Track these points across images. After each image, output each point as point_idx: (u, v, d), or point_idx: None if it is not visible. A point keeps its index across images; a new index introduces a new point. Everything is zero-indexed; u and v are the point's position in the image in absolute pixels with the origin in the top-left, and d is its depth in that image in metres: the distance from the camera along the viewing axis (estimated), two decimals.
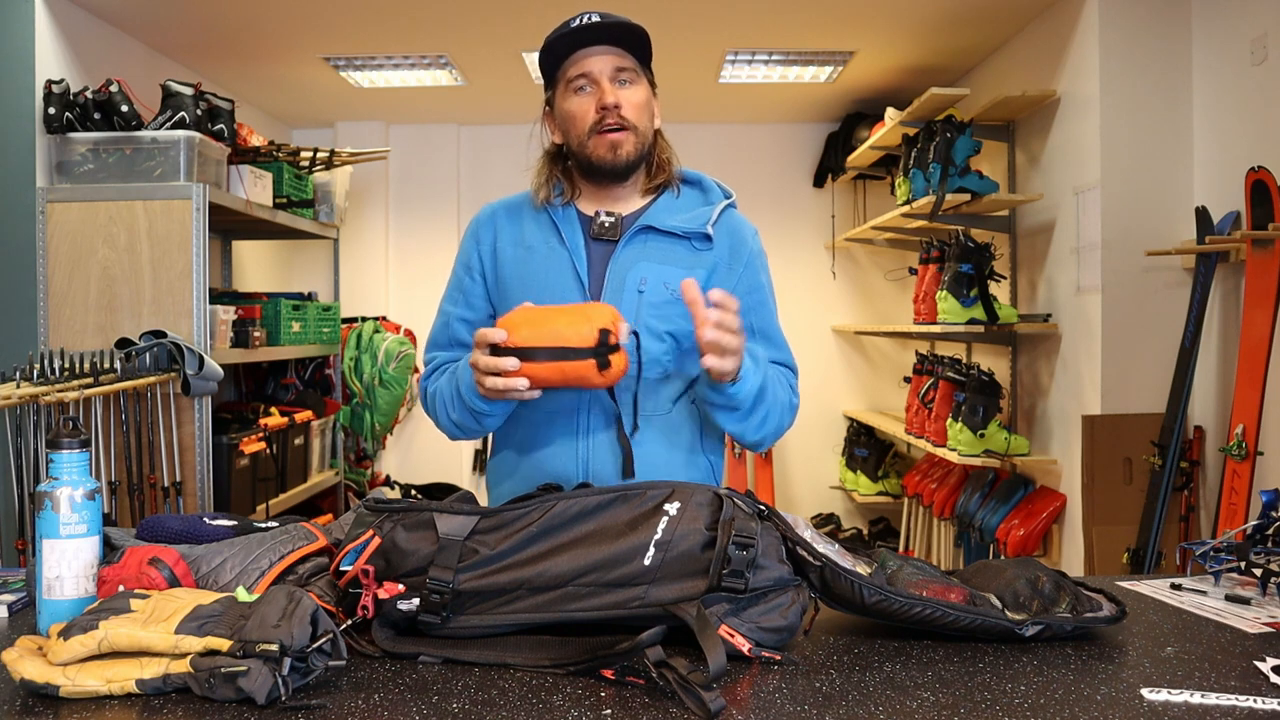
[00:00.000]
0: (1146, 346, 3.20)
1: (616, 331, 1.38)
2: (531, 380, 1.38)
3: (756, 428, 1.54)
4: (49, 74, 3.19)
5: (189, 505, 3.07)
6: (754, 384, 1.46)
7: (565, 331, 1.37)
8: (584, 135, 1.56)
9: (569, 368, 1.37)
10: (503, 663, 1.12)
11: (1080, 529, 3.28)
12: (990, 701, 1.02)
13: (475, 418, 1.54)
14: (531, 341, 1.37)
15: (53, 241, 3.11)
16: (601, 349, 1.37)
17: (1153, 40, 3.20)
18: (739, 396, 1.46)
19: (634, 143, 1.56)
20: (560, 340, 1.37)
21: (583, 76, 1.55)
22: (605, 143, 1.55)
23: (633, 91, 1.56)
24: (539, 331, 1.38)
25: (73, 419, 1.28)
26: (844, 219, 5.40)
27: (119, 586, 1.17)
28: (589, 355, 1.36)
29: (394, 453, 5.45)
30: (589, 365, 1.37)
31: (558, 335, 1.37)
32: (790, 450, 5.44)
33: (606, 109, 1.53)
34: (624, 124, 1.54)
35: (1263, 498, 1.55)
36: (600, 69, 1.54)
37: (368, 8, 3.56)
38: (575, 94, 1.56)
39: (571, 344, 1.36)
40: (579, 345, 1.36)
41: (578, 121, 1.56)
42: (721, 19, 3.71)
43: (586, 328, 1.37)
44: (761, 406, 1.51)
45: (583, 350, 1.36)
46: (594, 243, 1.59)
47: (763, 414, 1.52)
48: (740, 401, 1.47)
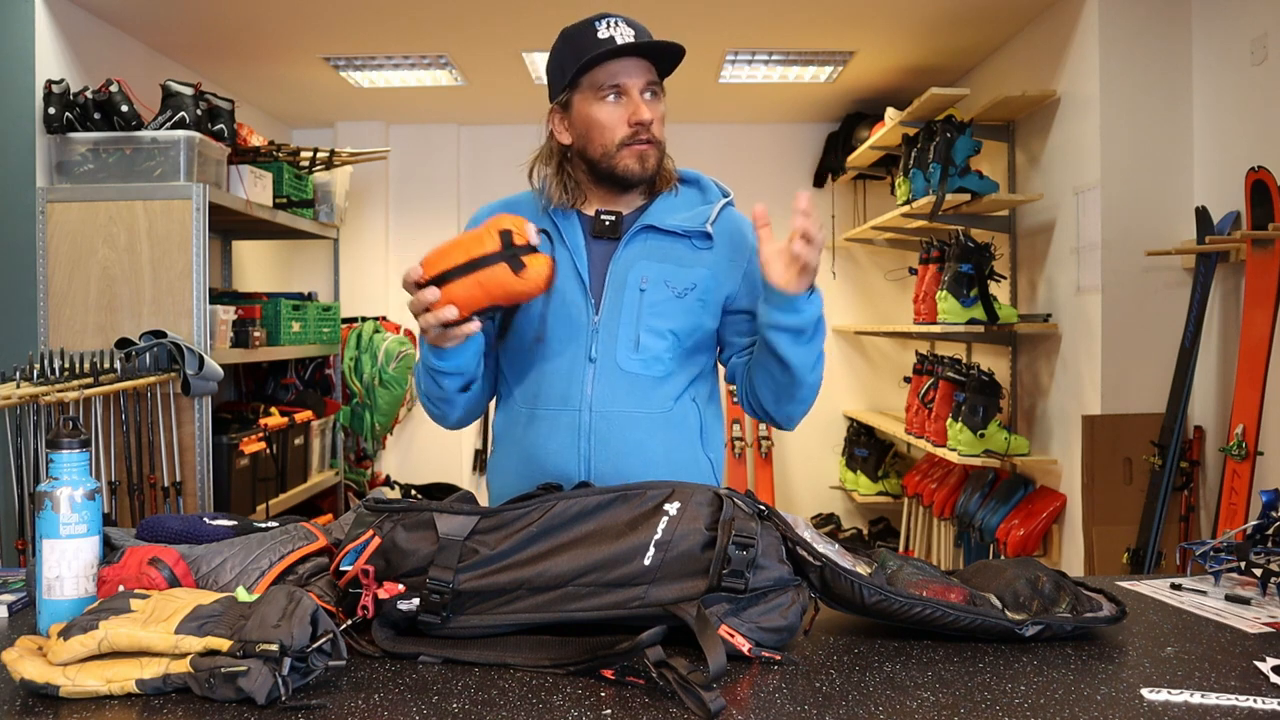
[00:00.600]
0: (1146, 346, 3.19)
1: (520, 231, 1.38)
2: (456, 304, 1.38)
3: (814, 363, 1.52)
4: (49, 74, 3.19)
5: (189, 505, 3.07)
6: (821, 303, 1.47)
7: (468, 244, 1.39)
8: (612, 146, 1.55)
9: (483, 277, 1.37)
10: (503, 663, 1.12)
11: (1080, 529, 3.28)
12: (990, 701, 1.02)
13: (435, 380, 1.53)
14: (441, 266, 1.38)
15: (53, 241, 3.11)
16: (508, 250, 1.37)
17: (1153, 40, 3.20)
18: (809, 315, 1.46)
19: (657, 156, 1.57)
20: (466, 254, 1.38)
21: (615, 86, 1.54)
22: (634, 154, 1.55)
23: (657, 106, 1.57)
24: (444, 255, 1.39)
25: (73, 419, 1.28)
26: (844, 219, 5.40)
27: (119, 586, 1.17)
28: (498, 259, 1.37)
29: (394, 453, 5.45)
30: (502, 269, 1.37)
31: (463, 250, 1.38)
32: (790, 450, 5.44)
33: (642, 124, 1.53)
34: (652, 139, 1.55)
35: (1263, 498, 1.55)
36: (634, 82, 1.54)
37: (368, 8, 3.56)
38: (604, 102, 1.54)
39: (476, 254, 1.37)
40: (484, 253, 1.37)
41: (607, 131, 1.54)
42: (721, 19, 3.71)
43: (487, 235, 1.39)
44: (820, 335, 1.51)
45: (490, 256, 1.37)
46: (594, 242, 1.60)
47: (819, 347, 1.51)
48: (808, 322, 1.46)
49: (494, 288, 1.38)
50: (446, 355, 1.49)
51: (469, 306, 1.39)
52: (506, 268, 1.37)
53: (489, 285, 1.38)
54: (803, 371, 1.51)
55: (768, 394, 1.58)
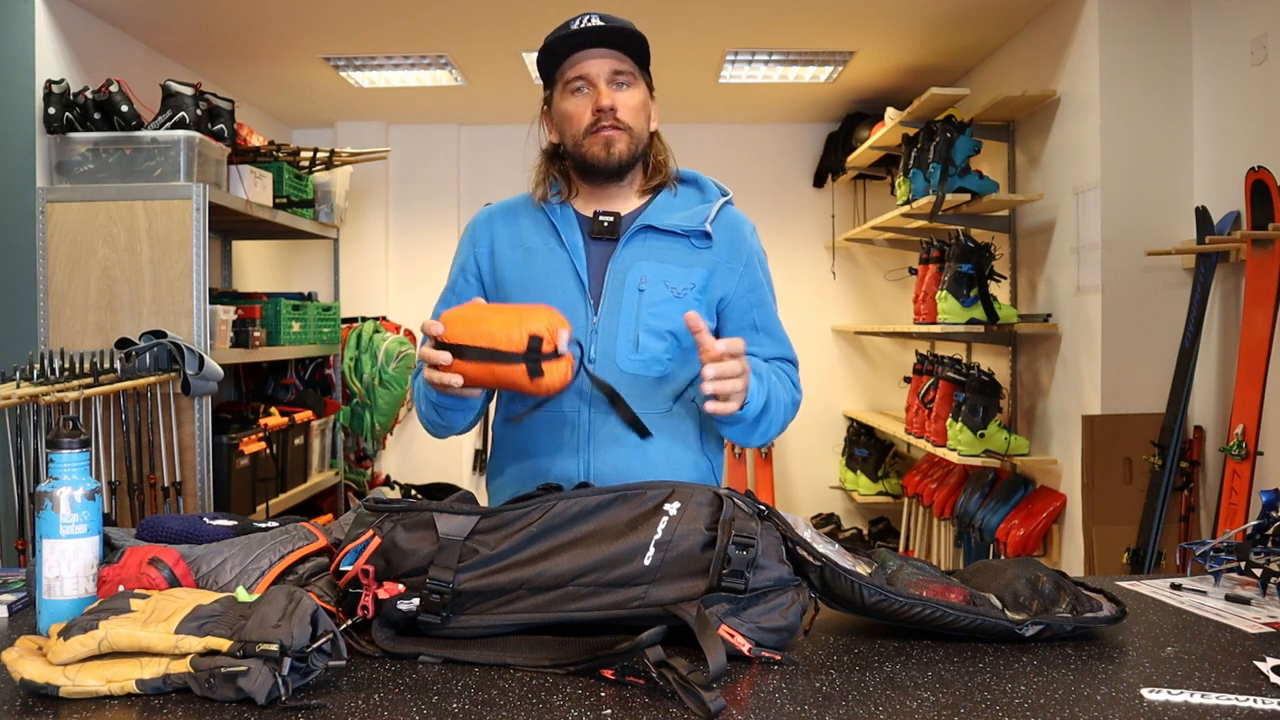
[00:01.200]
0: (1146, 346, 3.19)
1: (552, 337, 1.33)
2: (464, 378, 1.35)
3: (761, 436, 1.56)
4: (49, 74, 3.19)
5: (189, 505, 3.07)
6: (758, 404, 1.48)
7: (495, 332, 1.34)
8: (579, 135, 1.57)
9: (499, 370, 1.34)
10: (503, 663, 1.12)
11: (1080, 529, 3.28)
12: (990, 701, 1.02)
13: (437, 411, 1.54)
14: (462, 339, 1.35)
15: (53, 241, 3.11)
16: (533, 355, 1.33)
17: (1153, 40, 3.20)
18: (745, 417, 1.48)
19: (628, 142, 1.57)
20: (490, 341, 1.33)
21: (580, 78, 1.56)
22: (599, 141, 1.56)
23: (629, 94, 1.57)
24: (470, 330, 1.35)
25: (73, 419, 1.28)
26: (844, 219, 5.40)
27: (119, 586, 1.17)
28: (518, 360, 1.33)
29: (394, 453, 5.45)
30: (518, 370, 1.33)
31: (488, 336, 1.34)
32: (790, 450, 5.44)
33: (602, 111, 1.54)
34: (619, 125, 1.56)
35: (1263, 498, 1.55)
36: (598, 71, 1.55)
37: (368, 8, 3.56)
38: (572, 95, 1.57)
39: (500, 346, 1.33)
40: (508, 349, 1.33)
41: (574, 122, 1.57)
42: (721, 19, 3.71)
43: (517, 331, 1.33)
44: (765, 418, 1.53)
45: (512, 355, 1.33)
46: (593, 243, 1.60)
47: (766, 424, 1.54)
48: (745, 417, 1.48)
49: (504, 382, 1.36)
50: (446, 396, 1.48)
51: (475, 384, 1.37)
52: (523, 370, 1.33)
53: (500, 376, 1.35)
54: (744, 442, 1.58)
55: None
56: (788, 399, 1.59)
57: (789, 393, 1.60)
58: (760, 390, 1.48)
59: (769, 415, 1.53)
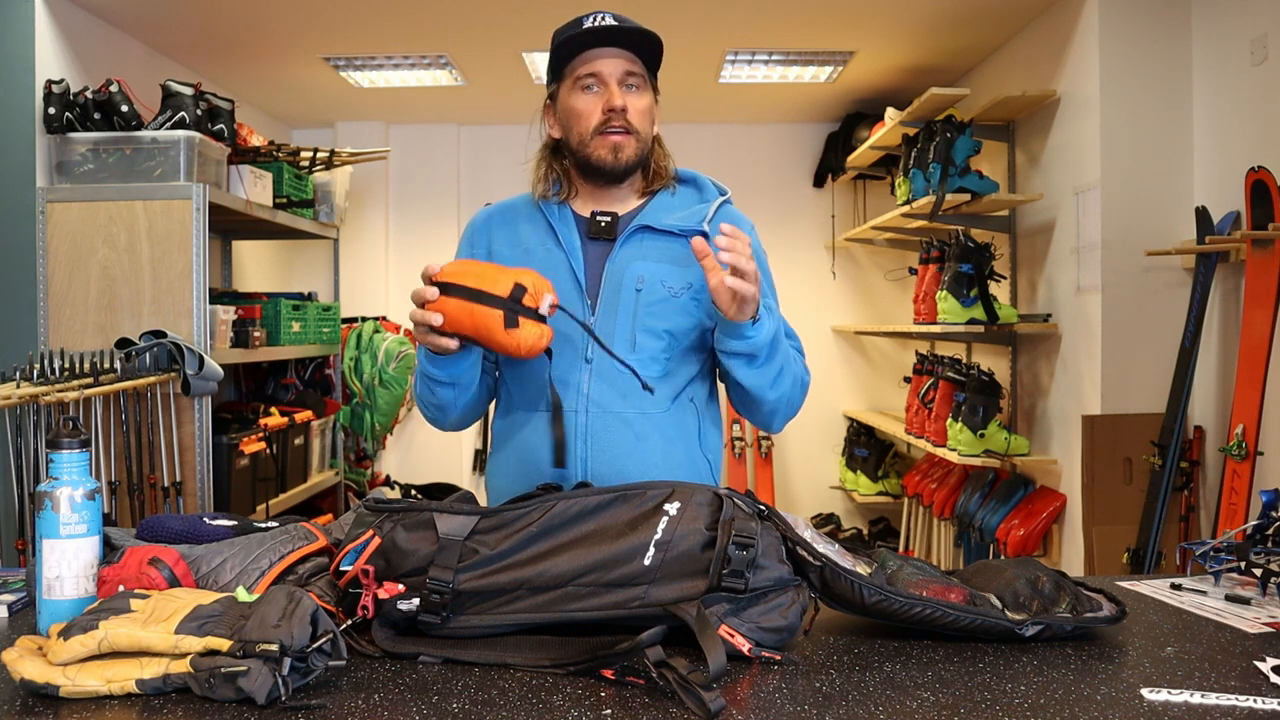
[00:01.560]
0: (1146, 346, 3.19)
1: (535, 294, 1.38)
2: (444, 316, 1.38)
3: (772, 382, 1.52)
4: (49, 74, 3.19)
5: (189, 505, 3.07)
6: (769, 329, 1.46)
7: (483, 274, 1.39)
8: (587, 135, 1.56)
9: (477, 311, 1.37)
10: (503, 663, 1.12)
11: (1080, 529, 3.28)
12: (990, 701, 1.02)
13: (430, 387, 1.54)
14: (454, 278, 1.39)
15: (53, 241, 3.11)
16: (513, 304, 1.37)
17: (1153, 40, 3.20)
18: (756, 341, 1.45)
19: (635, 147, 1.56)
20: (476, 282, 1.38)
21: (592, 76, 1.55)
22: (608, 144, 1.55)
23: (639, 98, 1.57)
24: (461, 270, 1.40)
25: (73, 419, 1.28)
26: (844, 219, 5.40)
27: (119, 586, 1.17)
28: (498, 304, 1.37)
29: (394, 453, 5.45)
30: (495, 316, 1.37)
31: (475, 277, 1.39)
32: (790, 450, 5.44)
33: (613, 111, 1.54)
34: (628, 128, 1.55)
35: (1263, 498, 1.55)
36: (610, 71, 1.55)
37: (368, 8, 3.55)
38: (582, 92, 1.56)
39: (483, 288, 1.37)
40: (490, 292, 1.37)
41: (582, 120, 1.56)
42: (721, 19, 3.71)
43: (504, 278, 1.39)
44: (777, 357, 1.51)
45: (492, 297, 1.37)
46: (591, 243, 1.60)
47: (778, 367, 1.51)
48: (757, 347, 1.46)
49: (480, 326, 1.39)
50: (441, 364, 1.49)
51: (452, 325, 1.40)
52: (500, 316, 1.37)
53: (476, 320, 1.38)
54: (760, 391, 1.53)
55: (738, 406, 1.61)
56: (798, 369, 1.58)
57: (799, 364, 1.59)
58: (771, 321, 1.47)
59: (780, 356, 1.51)
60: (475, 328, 1.39)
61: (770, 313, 1.48)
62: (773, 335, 1.48)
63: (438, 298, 1.39)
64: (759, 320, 1.44)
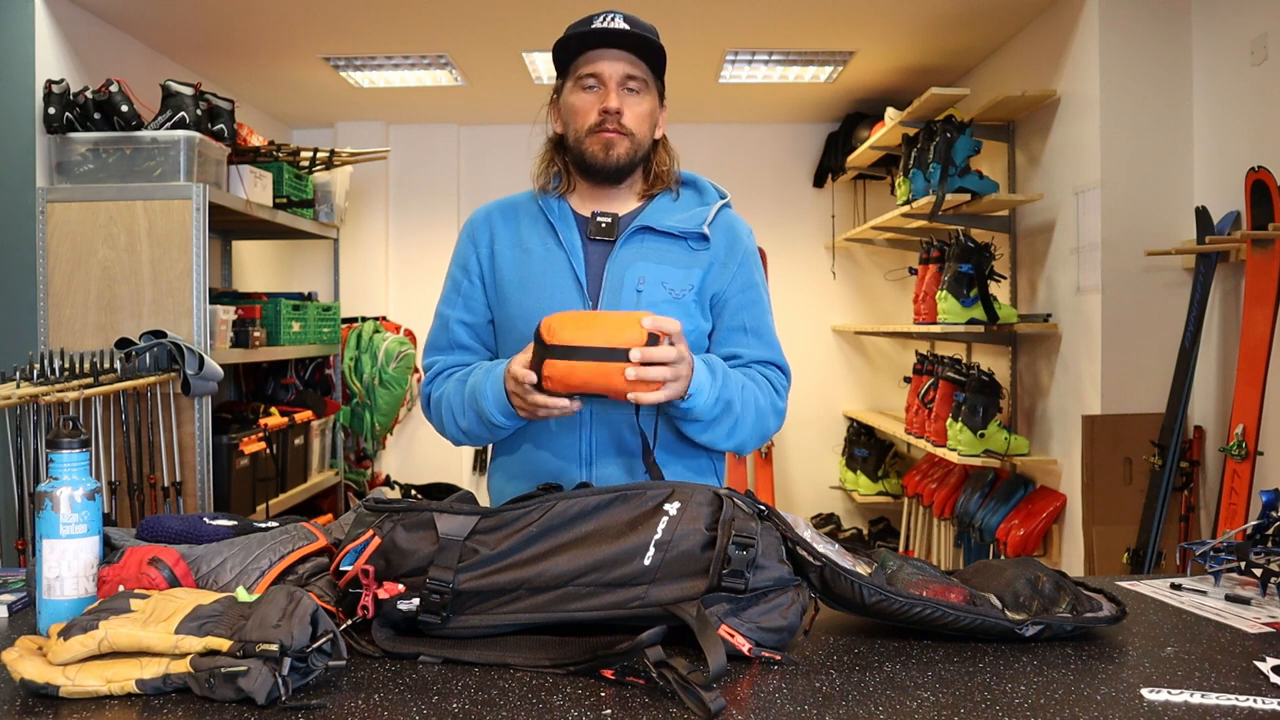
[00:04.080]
0: (1146, 346, 3.19)
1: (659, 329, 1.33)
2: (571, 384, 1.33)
3: (725, 436, 1.53)
4: (49, 74, 3.19)
5: (189, 505, 3.07)
6: (709, 397, 1.46)
7: (613, 329, 1.32)
8: (582, 132, 1.57)
9: (611, 370, 1.31)
10: (503, 663, 1.12)
11: (1080, 529, 3.28)
12: (990, 701, 1.02)
13: (489, 429, 1.53)
14: (576, 339, 1.32)
15: (53, 241, 3.11)
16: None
17: (1153, 40, 3.20)
18: (694, 411, 1.46)
19: (628, 147, 1.57)
20: (609, 340, 1.31)
21: (593, 76, 1.56)
22: (600, 141, 1.56)
23: (637, 101, 1.57)
24: (585, 325, 1.33)
25: (73, 419, 1.28)
26: (844, 219, 5.40)
27: (119, 586, 1.17)
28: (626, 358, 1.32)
29: (394, 453, 5.45)
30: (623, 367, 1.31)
31: (605, 334, 1.32)
32: (790, 450, 5.44)
33: (608, 112, 1.54)
34: (622, 129, 1.55)
35: (1263, 498, 1.55)
36: (610, 72, 1.55)
37: (368, 8, 3.55)
38: (582, 91, 1.57)
39: (619, 344, 1.31)
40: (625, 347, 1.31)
41: (578, 118, 1.58)
42: (721, 19, 3.71)
43: (635, 326, 1.32)
44: (727, 418, 1.51)
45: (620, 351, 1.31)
46: (591, 243, 1.60)
47: (729, 424, 1.52)
48: (698, 414, 1.47)
49: (611, 382, 1.32)
50: (516, 419, 1.48)
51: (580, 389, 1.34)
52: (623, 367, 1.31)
53: (610, 378, 1.31)
54: (713, 444, 1.56)
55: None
56: (766, 404, 1.57)
57: (768, 397, 1.58)
58: (713, 387, 1.46)
59: (733, 416, 1.51)
60: (608, 385, 1.32)
61: (712, 373, 1.46)
62: (714, 399, 1.46)
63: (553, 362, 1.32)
64: (691, 395, 1.42)
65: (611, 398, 1.37)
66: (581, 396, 1.38)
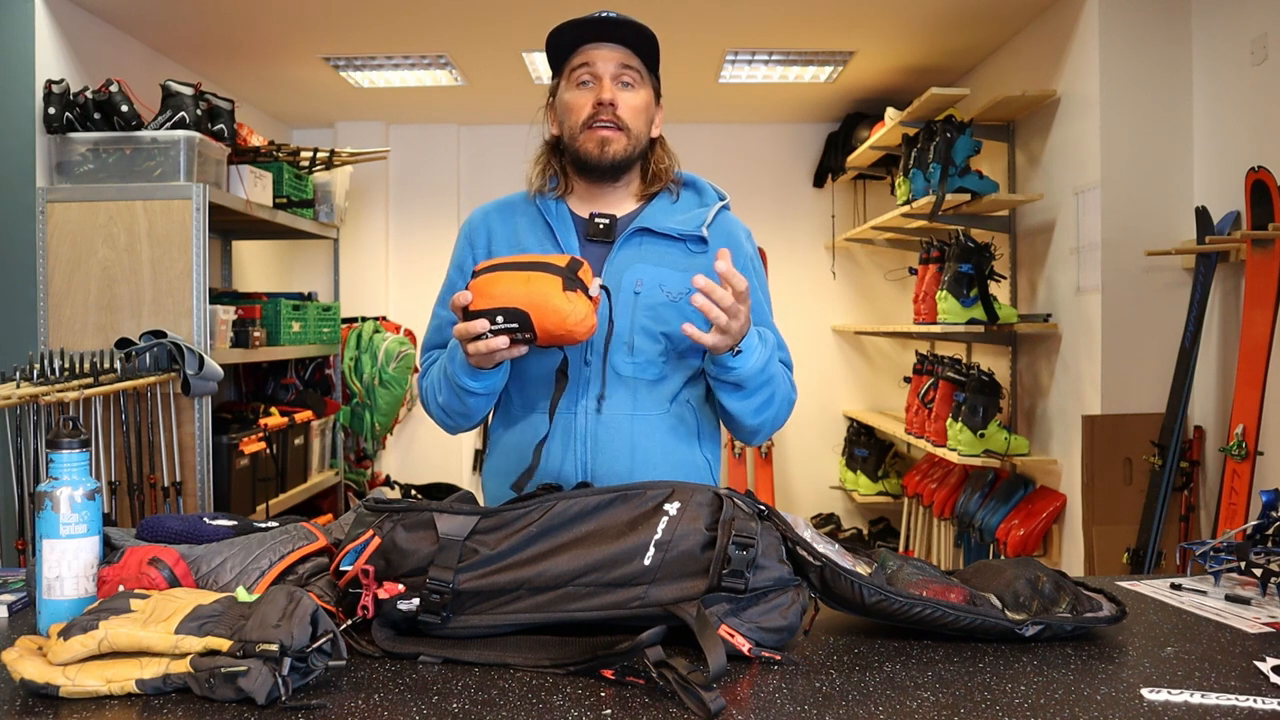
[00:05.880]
0: (1146, 346, 3.19)
1: (588, 271, 1.39)
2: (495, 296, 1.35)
3: (756, 410, 1.53)
4: (49, 74, 3.19)
5: (189, 505, 3.07)
6: (756, 362, 1.46)
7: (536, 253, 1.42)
8: (576, 128, 1.56)
9: (534, 278, 1.35)
10: (503, 663, 1.12)
11: (1080, 529, 3.28)
12: (990, 701, 1.02)
13: (460, 397, 1.52)
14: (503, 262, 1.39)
15: (53, 241, 3.11)
16: (570, 273, 1.36)
17: (1153, 40, 3.20)
18: (740, 373, 1.45)
19: (624, 144, 1.56)
20: (532, 258, 1.39)
21: (586, 69, 1.56)
22: (595, 138, 1.55)
23: (632, 94, 1.56)
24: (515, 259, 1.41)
25: (73, 419, 1.28)
26: (844, 219, 5.40)
27: (119, 586, 1.17)
28: (556, 271, 1.36)
29: (394, 453, 5.45)
30: (553, 280, 1.35)
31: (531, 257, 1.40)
32: (790, 450, 5.44)
33: (602, 105, 1.54)
34: (617, 123, 1.55)
35: (1263, 498, 1.55)
36: (603, 65, 1.55)
37: (368, 8, 3.55)
38: (576, 86, 1.57)
39: (540, 259, 1.38)
40: (549, 261, 1.37)
41: (573, 114, 1.57)
42: (721, 19, 3.71)
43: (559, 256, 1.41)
44: (764, 390, 1.51)
45: (551, 264, 1.37)
46: (589, 244, 1.59)
47: (765, 396, 1.52)
48: (742, 378, 1.46)
49: (535, 293, 1.34)
50: (481, 376, 1.48)
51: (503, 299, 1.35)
52: (559, 281, 1.35)
53: (532, 288, 1.34)
54: (742, 417, 1.55)
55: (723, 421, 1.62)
56: (785, 391, 1.58)
57: (787, 386, 1.59)
58: (762, 351, 1.46)
59: (769, 390, 1.51)
60: (529, 295, 1.35)
61: (763, 342, 1.48)
62: (761, 366, 1.47)
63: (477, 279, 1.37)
64: (741, 352, 1.43)
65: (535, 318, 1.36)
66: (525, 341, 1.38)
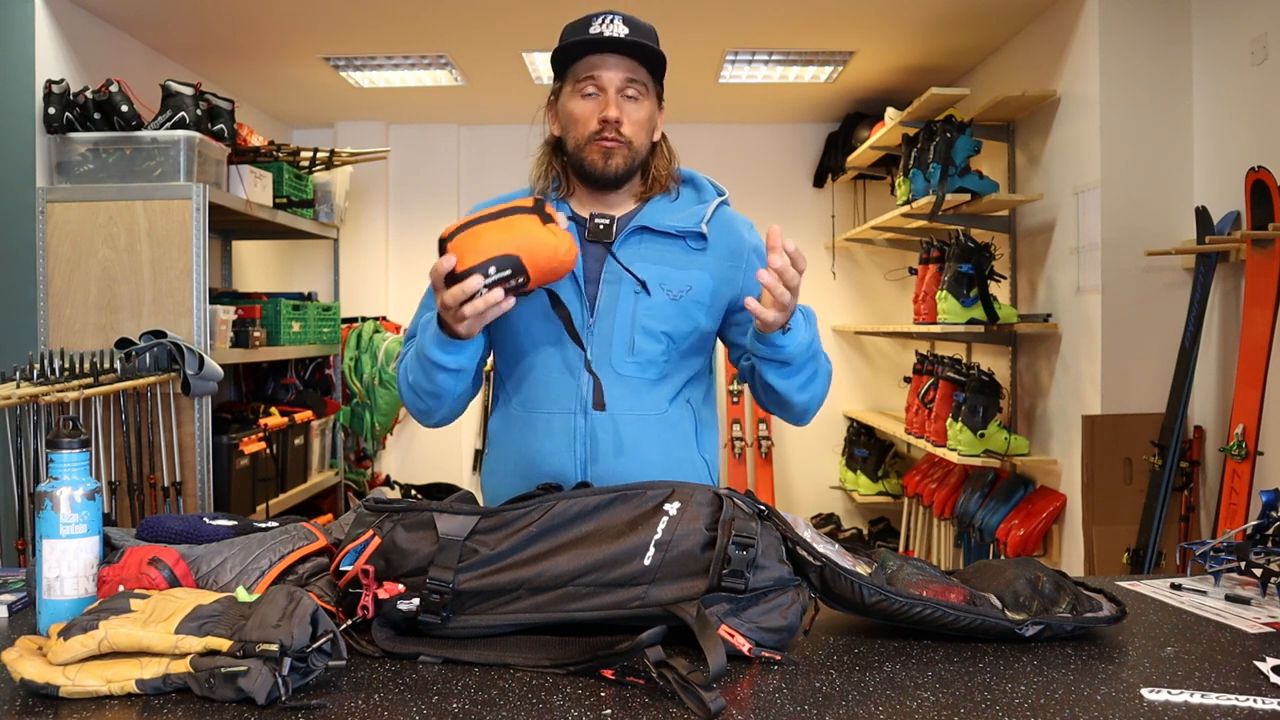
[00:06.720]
0: (1146, 346, 3.19)
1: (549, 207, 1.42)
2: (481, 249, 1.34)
3: (801, 386, 1.52)
4: (49, 74, 3.19)
5: (189, 505, 3.07)
6: (802, 340, 1.46)
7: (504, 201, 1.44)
8: (581, 140, 1.57)
9: (515, 221, 1.37)
10: (503, 663, 1.12)
11: (1080, 529, 3.28)
12: (990, 701, 1.02)
13: (429, 374, 1.49)
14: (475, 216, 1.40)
15: (53, 241, 3.11)
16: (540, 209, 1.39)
17: (1153, 40, 3.20)
18: (788, 350, 1.45)
19: (626, 156, 1.56)
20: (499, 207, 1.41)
21: (591, 81, 1.55)
22: (599, 150, 1.55)
23: (636, 108, 1.56)
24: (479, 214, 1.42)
25: (73, 419, 1.28)
26: (844, 219, 5.40)
27: (119, 586, 1.17)
28: (529, 210, 1.39)
29: (394, 453, 5.45)
30: (532, 218, 1.38)
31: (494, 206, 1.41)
32: (790, 450, 5.44)
33: (607, 122, 1.54)
34: (620, 139, 1.55)
35: (1263, 498, 1.55)
36: (610, 78, 1.54)
37: (368, 8, 3.55)
38: (581, 97, 1.56)
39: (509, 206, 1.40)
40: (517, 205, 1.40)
41: (578, 125, 1.57)
42: (721, 19, 3.71)
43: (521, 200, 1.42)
44: (811, 365, 1.51)
45: (523, 208, 1.39)
46: (589, 245, 1.59)
47: (810, 372, 1.52)
48: (790, 356, 1.46)
49: (519, 234, 1.36)
50: (452, 349, 1.45)
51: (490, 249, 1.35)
52: (537, 218, 1.38)
53: (515, 231, 1.36)
54: (788, 394, 1.53)
55: (765, 403, 1.61)
56: (825, 361, 1.57)
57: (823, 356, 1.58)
58: (807, 329, 1.47)
59: (815, 366, 1.51)
60: (515, 238, 1.36)
61: (807, 320, 1.48)
62: (807, 343, 1.47)
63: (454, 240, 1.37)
64: (790, 330, 1.43)
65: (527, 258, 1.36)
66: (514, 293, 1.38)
